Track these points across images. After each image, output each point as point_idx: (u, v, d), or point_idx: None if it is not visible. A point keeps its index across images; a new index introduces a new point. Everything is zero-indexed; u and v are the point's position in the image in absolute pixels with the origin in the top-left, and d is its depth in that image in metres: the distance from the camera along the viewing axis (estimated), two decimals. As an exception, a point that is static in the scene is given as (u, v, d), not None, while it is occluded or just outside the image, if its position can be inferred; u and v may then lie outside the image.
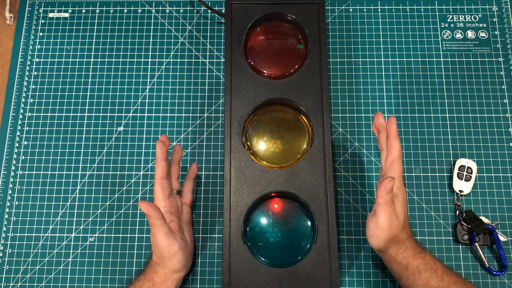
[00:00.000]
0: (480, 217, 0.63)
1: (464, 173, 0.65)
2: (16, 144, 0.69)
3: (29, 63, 0.73)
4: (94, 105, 0.71)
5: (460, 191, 0.65)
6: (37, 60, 0.73)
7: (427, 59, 0.72)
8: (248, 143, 0.60)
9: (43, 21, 0.75)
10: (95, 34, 0.74)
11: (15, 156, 0.69)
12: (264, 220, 0.58)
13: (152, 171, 0.67)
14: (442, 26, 0.74)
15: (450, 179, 0.66)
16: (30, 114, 0.70)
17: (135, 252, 0.64)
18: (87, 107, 0.71)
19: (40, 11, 0.76)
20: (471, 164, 0.65)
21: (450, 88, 0.70)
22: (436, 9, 0.74)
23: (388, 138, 0.54)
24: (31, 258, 0.64)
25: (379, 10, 0.74)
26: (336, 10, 0.75)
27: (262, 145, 0.61)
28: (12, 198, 0.67)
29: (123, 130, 0.70)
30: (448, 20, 0.74)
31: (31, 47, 0.74)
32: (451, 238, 0.64)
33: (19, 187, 0.67)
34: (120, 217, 0.66)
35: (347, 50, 0.72)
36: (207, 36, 0.74)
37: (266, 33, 0.64)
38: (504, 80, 0.70)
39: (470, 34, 0.73)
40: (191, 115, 0.70)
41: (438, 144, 0.68)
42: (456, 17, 0.74)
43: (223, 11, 0.72)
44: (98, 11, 0.75)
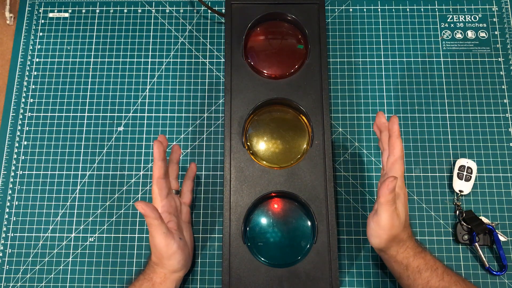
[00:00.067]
0: (480, 217, 0.63)
1: (464, 173, 0.65)
2: (16, 144, 0.69)
3: (29, 63, 0.73)
4: (94, 105, 0.71)
5: (460, 191, 0.65)
6: (37, 60, 0.73)
7: (427, 59, 0.72)
8: (248, 143, 0.60)
9: (43, 21, 0.75)
10: (95, 34, 0.74)
11: (15, 156, 0.69)
12: (264, 220, 0.58)
13: (152, 171, 0.67)
14: (442, 26, 0.74)
15: (450, 179, 0.66)
16: (30, 114, 0.70)
17: (135, 252, 0.64)
18: (87, 107, 0.71)
19: (40, 11, 0.76)
20: (471, 164, 0.65)
21: (450, 88, 0.70)
22: (436, 9, 0.74)
23: (390, 137, 0.54)
24: (31, 258, 0.64)
25: (379, 10, 0.74)
26: (336, 10, 0.75)
27: (262, 145, 0.61)
28: (12, 198, 0.67)
29: (123, 130, 0.70)
30: (448, 20, 0.74)
31: (31, 47, 0.74)
32: (451, 238, 0.64)
33: (19, 187, 0.67)
34: (120, 217, 0.66)
35: (347, 50, 0.72)
36: (207, 36, 0.74)
37: (266, 33, 0.64)
38: (504, 80, 0.70)
39: (470, 34, 0.73)
40: (191, 115, 0.70)
41: (438, 144, 0.68)
42: (456, 17, 0.74)
43: (223, 11, 0.72)
44: (98, 11, 0.75)
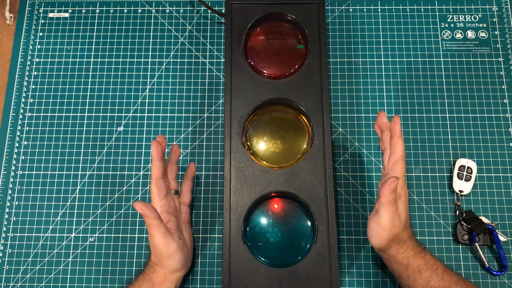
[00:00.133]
0: (480, 217, 0.63)
1: (464, 173, 0.65)
2: (16, 144, 0.69)
3: (29, 63, 0.73)
4: (94, 105, 0.71)
5: (460, 191, 0.65)
6: (37, 60, 0.73)
7: (427, 59, 0.72)
8: (248, 143, 0.60)
9: (43, 21, 0.75)
10: (95, 34, 0.74)
11: (15, 156, 0.69)
12: (264, 220, 0.58)
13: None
14: (442, 26, 0.74)
15: (450, 179, 0.66)
16: (30, 114, 0.70)
17: (135, 252, 0.64)
18: (87, 107, 0.71)
19: (40, 11, 0.76)
20: (471, 164, 0.65)
21: (450, 88, 0.70)
22: (436, 9, 0.74)
23: (392, 137, 0.54)
24: (31, 258, 0.64)
25: (379, 10, 0.74)
26: (336, 10, 0.75)
27: (262, 145, 0.61)
28: (12, 198, 0.67)
29: (123, 130, 0.70)
30: (448, 20, 0.74)
31: (31, 47, 0.74)
32: (451, 238, 0.64)
33: (19, 187, 0.67)
34: (120, 217, 0.66)
35: (347, 50, 0.72)
36: (207, 36, 0.74)
37: (266, 33, 0.64)
38: (504, 80, 0.70)
39: (470, 34, 0.73)
40: (191, 115, 0.70)
41: (438, 144, 0.68)
42: (456, 17, 0.74)
43: (223, 11, 0.72)
44: (98, 11, 0.75)
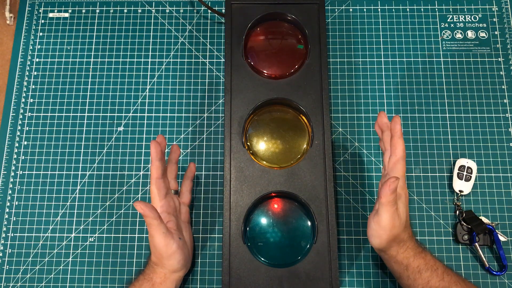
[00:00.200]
0: (480, 217, 0.63)
1: (464, 173, 0.65)
2: (16, 144, 0.69)
3: (29, 63, 0.73)
4: (94, 105, 0.71)
5: (460, 191, 0.65)
6: (37, 60, 0.73)
7: (427, 59, 0.72)
8: (248, 143, 0.60)
9: (43, 21, 0.75)
10: (95, 34, 0.74)
11: (15, 156, 0.69)
12: (264, 220, 0.58)
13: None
14: (442, 26, 0.74)
15: (450, 179, 0.66)
16: (30, 114, 0.70)
17: (135, 252, 0.64)
18: (87, 107, 0.71)
19: (40, 11, 0.76)
20: (471, 164, 0.65)
21: (450, 88, 0.70)
22: (436, 9, 0.74)
23: (393, 137, 0.54)
24: (31, 258, 0.64)
25: (379, 10, 0.74)
26: (336, 10, 0.75)
27: (262, 145, 0.61)
28: (12, 198, 0.67)
29: (123, 130, 0.70)
30: (448, 20, 0.74)
31: (31, 47, 0.74)
32: (451, 238, 0.64)
33: (19, 187, 0.67)
34: (120, 217, 0.66)
35: (347, 50, 0.72)
36: (207, 36, 0.74)
37: (266, 33, 0.64)
38: (504, 80, 0.70)
39: (470, 34, 0.73)
40: (191, 115, 0.70)
41: (438, 144, 0.68)
42: (456, 17, 0.74)
43: (223, 11, 0.72)
44: (98, 11, 0.75)
